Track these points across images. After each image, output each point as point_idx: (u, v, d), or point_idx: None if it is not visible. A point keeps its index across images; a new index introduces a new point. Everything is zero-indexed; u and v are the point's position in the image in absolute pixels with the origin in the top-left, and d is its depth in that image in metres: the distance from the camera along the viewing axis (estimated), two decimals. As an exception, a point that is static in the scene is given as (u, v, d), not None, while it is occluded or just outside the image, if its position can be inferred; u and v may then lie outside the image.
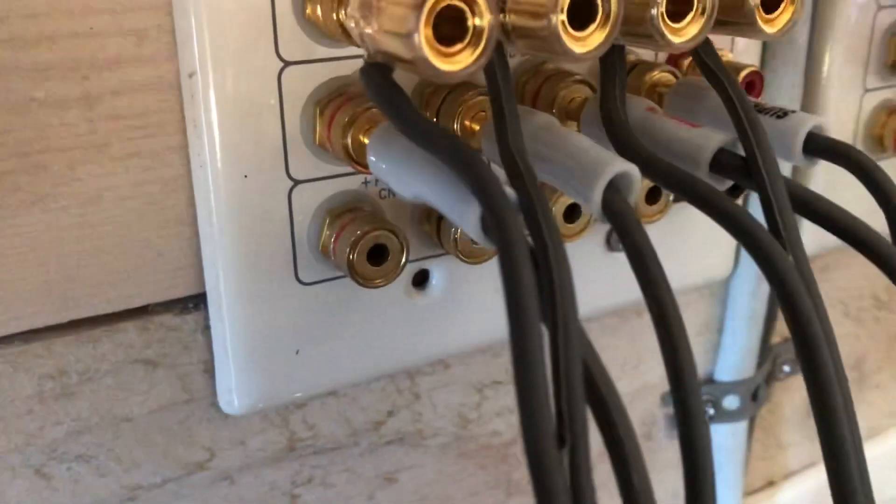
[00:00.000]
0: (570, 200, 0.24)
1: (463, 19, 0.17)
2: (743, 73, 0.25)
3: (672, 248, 0.29)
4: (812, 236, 0.33)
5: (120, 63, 0.20)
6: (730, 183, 0.19)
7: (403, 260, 0.22)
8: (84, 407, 0.22)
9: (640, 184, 0.18)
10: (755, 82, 0.25)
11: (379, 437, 0.28)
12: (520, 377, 0.14)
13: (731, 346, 0.34)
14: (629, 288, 0.17)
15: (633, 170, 0.17)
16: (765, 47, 0.29)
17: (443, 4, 0.16)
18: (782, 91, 0.29)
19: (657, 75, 0.24)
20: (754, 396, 0.35)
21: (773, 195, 0.18)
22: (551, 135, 0.19)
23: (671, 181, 0.18)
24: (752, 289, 0.32)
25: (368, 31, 0.17)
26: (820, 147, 0.20)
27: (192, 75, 0.20)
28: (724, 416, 0.34)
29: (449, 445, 0.29)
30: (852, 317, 0.38)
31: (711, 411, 0.34)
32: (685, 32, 0.19)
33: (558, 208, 0.24)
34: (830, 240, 0.29)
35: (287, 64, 0.21)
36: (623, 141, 0.19)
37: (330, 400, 0.26)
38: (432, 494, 0.30)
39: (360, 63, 0.21)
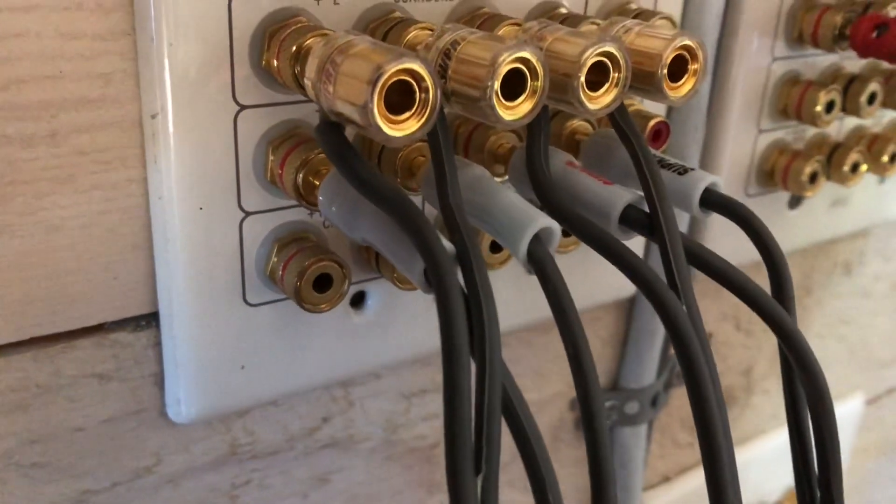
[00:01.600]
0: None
1: (410, 90, 0.19)
2: (651, 123, 0.28)
3: (585, 271, 0.32)
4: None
5: (87, 104, 0.21)
6: (635, 234, 0.22)
7: (346, 287, 0.24)
8: (40, 418, 0.24)
9: (559, 237, 0.20)
10: (662, 130, 0.28)
11: (314, 441, 0.30)
12: (449, 412, 0.17)
13: (633, 357, 0.37)
14: (543, 306, 0.20)
15: (554, 225, 0.20)
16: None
17: (394, 79, 0.18)
18: (688, 134, 0.33)
19: (576, 124, 0.27)
20: (653, 402, 0.38)
21: (671, 250, 0.21)
22: (484, 188, 0.21)
23: (586, 235, 0.21)
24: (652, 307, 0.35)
25: (325, 93, 0.19)
26: (714, 202, 0.23)
27: (155, 116, 0.22)
28: (626, 419, 0.38)
29: (378, 449, 0.32)
30: (743, 329, 0.42)
31: (615, 416, 0.38)
32: (601, 101, 0.22)
33: (486, 242, 0.27)
34: (733, 260, 0.33)
35: (243, 107, 0.23)
36: (546, 196, 0.22)
37: (270, 408, 0.28)
38: (361, 493, 0.32)
39: (310, 106, 0.24)
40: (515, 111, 0.20)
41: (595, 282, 0.33)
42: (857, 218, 0.41)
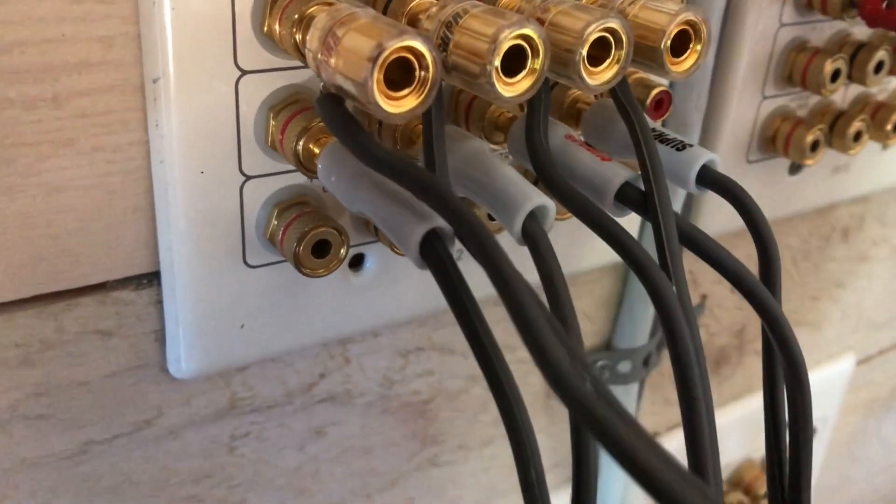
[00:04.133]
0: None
1: (410, 66, 0.19)
2: (653, 92, 0.28)
3: (581, 236, 0.32)
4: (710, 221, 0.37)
5: (88, 67, 0.22)
6: (630, 212, 0.22)
7: (343, 253, 0.25)
8: (44, 372, 0.25)
9: (554, 215, 0.21)
10: (664, 100, 0.28)
11: (311, 396, 0.31)
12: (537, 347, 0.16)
13: (626, 318, 0.37)
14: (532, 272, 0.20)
15: (549, 204, 0.20)
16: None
17: (394, 56, 0.18)
18: (690, 100, 0.33)
19: (577, 93, 0.27)
20: (645, 362, 0.39)
21: (664, 230, 0.21)
22: (481, 162, 0.22)
23: (581, 212, 0.21)
24: (650, 270, 0.36)
25: (325, 66, 0.19)
26: (710, 180, 0.23)
27: (156, 80, 0.22)
28: (618, 378, 0.39)
29: (374, 404, 0.33)
30: (737, 291, 0.42)
31: (607, 374, 0.38)
32: (602, 76, 0.22)
33: (481, 213, 0.27)
34: (724, 228, 0.33)
35: (244, 72, 0.23)
36: (543, 170, 0.22)
37: (268, 364, 0.29)
38: (357, 445, 0.33)
39: (311, 72, 0.24)
40: (515, 88, 0.20)
41: (591, 246, 0.33)
42: (857, 184, 0.41)
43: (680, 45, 0.23)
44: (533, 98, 0.23)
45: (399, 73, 0.19)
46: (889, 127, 0.37)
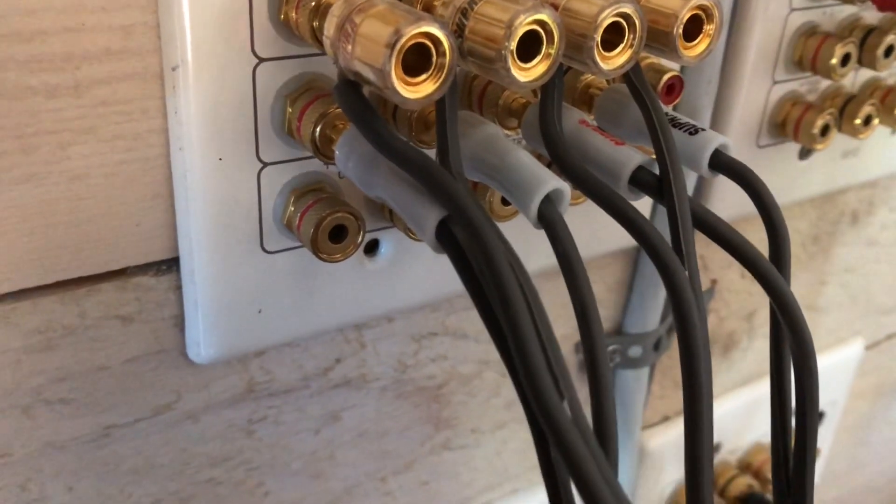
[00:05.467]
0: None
1: (427, 52, 0.19)
2: (665, 77, 0.28)
3: (594, 221, 0.32)
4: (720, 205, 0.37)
5: (108, 55, 0.22)
6: (644, 195, 0.23)
7: (360, 239, 0.25)
8: (66, 357, 0.25)
9: (569, 198, 0.21)
10: (675, 85, 0.28)
11: (327, 381, 0.31)
12: (521, 351, 0.17)
13: (637, 303, 0.38)
14: (549, 254, 0.20)
15: (564, 187, 0.21)
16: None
17: (412, 43, 0.19)
18: (700, 85, 0.33)
19: (590, 78, 0.27)
20: (656, 346, 0.39)
21: (680, 214, 0.21)
22: (496, 147, 0.22)
23: (595, 195, 0.21)
24: (661, 255, 0.36)
25: (343, 53, 0.20)
26: (722, 164, 0.24)
27: (175, 69, 0.22)
28: (629, 362, 0.39)
29: (388, 388, 0.33)
30: (748, 277, 0.43)
31: (618, 359, 0.39)
32: (615, 61, 0.22)
33: (496, 197, 0.27)
34: (739, 212, 0.33)
35: (261, 60, 0.23)
36: (557, 154, 0.22)
37: (285, 349, 0.30)
38: (371, 430, 0.33)
39: (328, 59, 0.24)
40: (530, 73, 0.20)
41: (603, 231, 0.33)
42: (867, 169, 0.42)
43: (693, 29, 0.23)
44: (547, 83, 0.23)
45: (416, 60, 0.19)
46: (899, 111, 0.37)
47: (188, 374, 0.28)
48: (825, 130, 0.35)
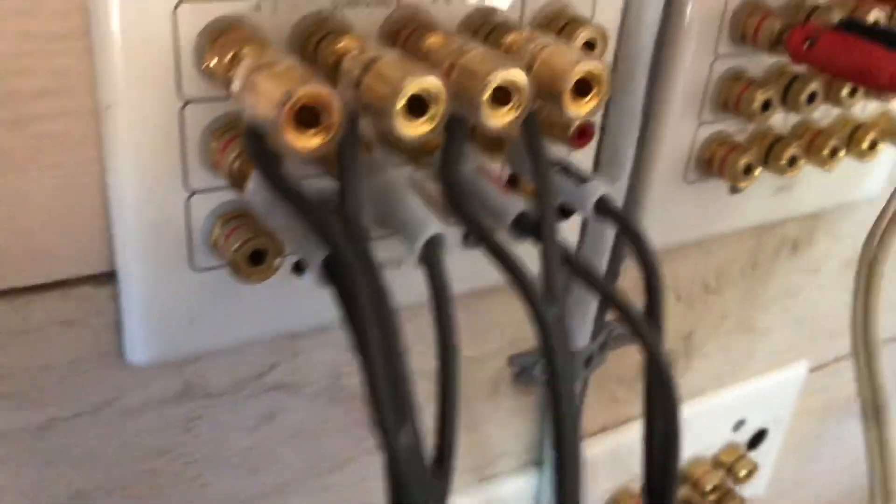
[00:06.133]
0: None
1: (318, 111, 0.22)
2: (576, 122, 0.30)
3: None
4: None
5: (49, 94, 0.24)
6: (526, 238, 0.25)
7: (277, 262, 0.27)
8: (11, 357, 0.28)
9: (446, 243, 0.23)
10: (587, 130, 0.31)
11: (262, 384, 0.34)
12: (370, 376, 0.20)
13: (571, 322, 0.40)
14: (482, 275, 0.22)
15: (444, 232, 0.23)
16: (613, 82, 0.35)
17: (301, 103, 0.21)
18: (623, 125, 0.35)
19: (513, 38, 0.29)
20: (587, 363, 0.42)
21: (547, 256, 0.23)
22: (391, 193, 0.24)
23: (478, 237, 0.24)
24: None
25: (245, 105, 0.22)
26: (606, 211, 0.26)
27: (108, 108, 0.25)
28: (561, 377, 0.41)
29: (322, 393, 0.36)
30: (683, 301, 0.45)
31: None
32: (503, 119, 0.24)
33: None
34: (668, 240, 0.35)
35: (188, 101, 0.26)
36: (452, 200, 0.25)
37: (220, 355, 0.32)
38: (307, 430, 0.36)
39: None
40: (417, 129, 0.23)
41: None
42: (804, 202, 0.44)
43: (586, 86, 0.26)
44: (450, 132, 0.26)
45: (309, 115, 0.22)
46: (826, 152, 0.39)
47: (127, 375, 0.30)
48: (748, 169, 0.37)
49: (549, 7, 0.30)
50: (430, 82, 0.22)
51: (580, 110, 0.26)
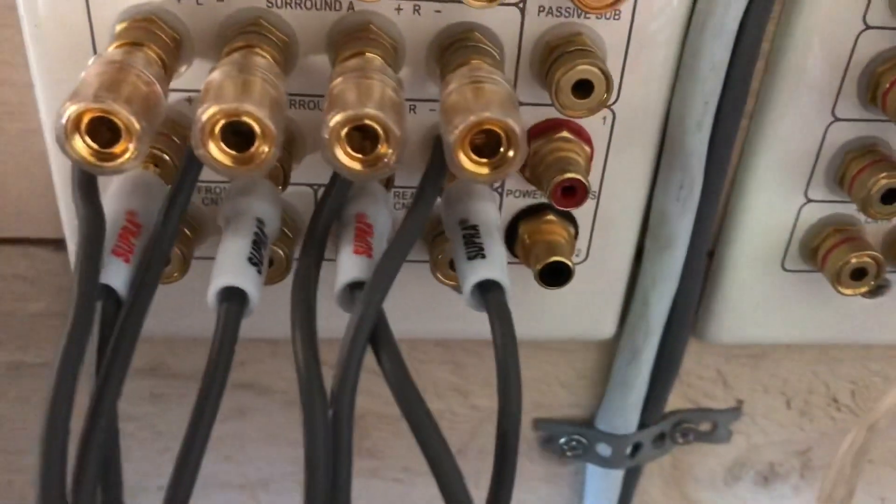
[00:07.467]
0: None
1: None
2: (559, 178, 0.24)
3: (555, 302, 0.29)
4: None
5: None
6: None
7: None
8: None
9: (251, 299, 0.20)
10: (576, 188, 0.25)
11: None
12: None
13: (608, 402, 0.34)
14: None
15: (240, 285, 0.20)
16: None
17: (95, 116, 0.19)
18: (670, 191, 0.27)
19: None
20: (633, 452, 0.35)
21: (356, 331, 0.19)
22: (229, 230, 0.22)
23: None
24: (629, 358, 0.32)
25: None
26: (485, 298, 0.21)
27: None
28: (596, 459, 0.35)
29: (294, 403, 0.34)
30: (794, 407, 0.36)
31: (579, 451, 0.35)
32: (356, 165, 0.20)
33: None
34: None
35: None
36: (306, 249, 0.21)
37: (191, 342, 0.32)
38: (280, 435, 0.35)
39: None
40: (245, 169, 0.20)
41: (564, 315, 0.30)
42: None
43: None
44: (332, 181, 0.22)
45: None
46: None
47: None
48: (860, 273, 0.28)
49: (557, 31, 0.24)
50: (250, 111, 0.19)
51: (475, 170, 0.20)
